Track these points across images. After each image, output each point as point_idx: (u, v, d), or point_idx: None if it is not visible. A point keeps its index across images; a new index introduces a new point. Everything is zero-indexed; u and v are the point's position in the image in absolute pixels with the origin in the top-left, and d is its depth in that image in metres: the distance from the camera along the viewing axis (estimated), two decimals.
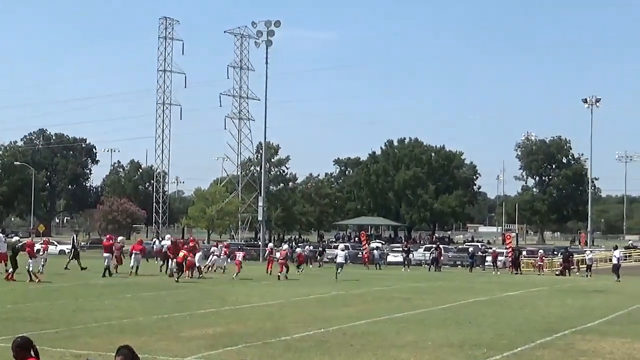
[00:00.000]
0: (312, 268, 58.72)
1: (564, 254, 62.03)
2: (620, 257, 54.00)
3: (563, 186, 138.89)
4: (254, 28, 78.66)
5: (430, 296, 33.71)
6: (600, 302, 31.94)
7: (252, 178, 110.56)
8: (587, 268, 57.78)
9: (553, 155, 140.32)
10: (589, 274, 56.56)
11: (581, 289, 41.04)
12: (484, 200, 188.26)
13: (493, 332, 21.16)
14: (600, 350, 18.13)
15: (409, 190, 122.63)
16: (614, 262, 52.56)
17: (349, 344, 18.56)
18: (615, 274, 50.38)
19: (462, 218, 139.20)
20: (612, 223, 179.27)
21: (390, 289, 38.54)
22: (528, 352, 17.89)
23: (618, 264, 51.97)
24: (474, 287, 40.20)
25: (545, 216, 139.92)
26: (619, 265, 51.99)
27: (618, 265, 51.88)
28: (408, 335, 20.12)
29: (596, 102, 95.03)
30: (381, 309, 26.99)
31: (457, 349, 17.99)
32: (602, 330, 22.08)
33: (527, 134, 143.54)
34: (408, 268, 61.27)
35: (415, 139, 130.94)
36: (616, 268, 51.34)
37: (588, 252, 64.72)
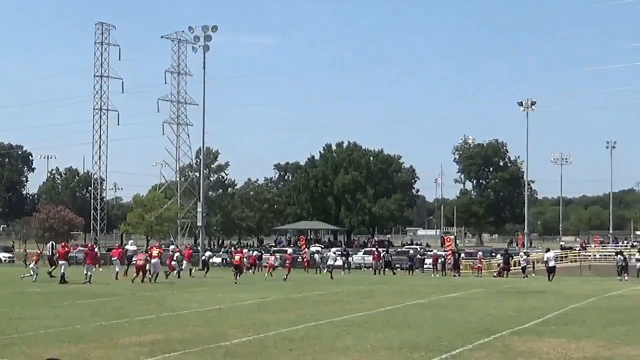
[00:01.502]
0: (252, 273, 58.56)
1: (504, 256, 62.75)
2: (552, 258, 54.89)
3: (500, 189, 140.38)
4: (191, 33, 78.28)
5: (369, 299, 33.79)
6: (537, 303, 32.28)
7: (191, 184, 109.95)
8: (522, 270, 58.55)
9: (490, 158, 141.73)
10: (524, 275, 57.33)
11: (518, 290, 41.47)
12: (423, 203, 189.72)
13: (432, 334, 21.28)
14: (536, 351, 18.32)
15: (348, 194, 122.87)
16: (549, 264, 53.42)
17: (288, 348, 18.54)
18: (548, 275, 51.27)
19: (401, 221, 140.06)
20: (549, 225, 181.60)
21: (330, 292, 38.56)
22: (466, 353, 18.00)
23: (552, 265, 52.85)
24: (413, 290, 40.37)
25: (483, 219, 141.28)
26: (553, 266, 52.85)
27: (553, 266, 52.76)
28: (347, 339, 20.14)
29: (532, 105, 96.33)
30: (321, 313, 27.00)
31: (396, 352, 18.05)
32: (538, 330, 22.33)
33: (465, 137, 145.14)
34: (348, 271, 61.53)
35: (354, 143, 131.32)
36: (551, 269, 52.22)
37: (522, 254, 65.49)
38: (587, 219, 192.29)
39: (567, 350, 18.33)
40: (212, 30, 75.39)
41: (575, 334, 21.45)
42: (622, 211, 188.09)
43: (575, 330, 22.29)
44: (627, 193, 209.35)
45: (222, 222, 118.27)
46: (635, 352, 18.32)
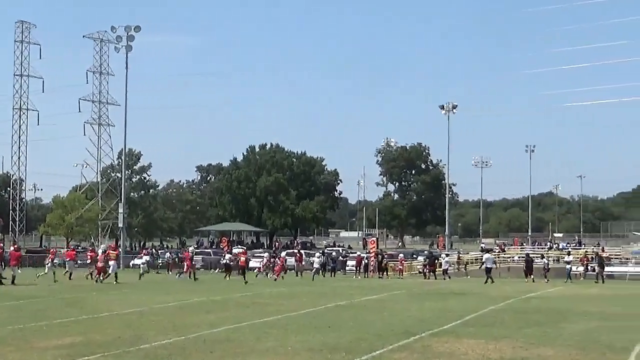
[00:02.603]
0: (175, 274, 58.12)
1: (429, 258, 63.34)
2: (490, 259, 55.63)
3: (422, 191, 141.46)
4: (113, 33, 77.60)
5: (291, 301, 33.82)
6: (457, 305, 32.65)
7: (113, 185, 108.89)
8: (443, 272, 59.20)
9: (412, 161, 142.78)
10: (446, 277, 58.00)
11: (439, 291, 41.90)
12: (346, 205, 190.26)
13: (352, 336, 21.38)
14: (455, 352, 18.53)
15: (270, 196, 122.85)
16: (487, 265, 54.21)
17: (209, 350, 18.48)
18: (487, 276, 52.05)
19: (323, 223, 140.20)
20: (469, 227, 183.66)
21: (252, 294, 38.51)
22: (386, 355, 18.12)
23: (490, 267, 53.64)
24: (334, 292, 40.50)
25: (405, 221, 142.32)
26: (490, 268, 53.65)
27: (490, 268, 53.55)
28: (268, 341, 20.15)
29: (453, 108, 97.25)
30: (242, 315, 26.95)
31: (316, 353, 18.11)
32: (457, 332, 22.58)
33: (387, 140, 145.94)
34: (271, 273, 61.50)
35: (276, 145, 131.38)
36: (488, 270, 53.01)
37: (444, 255, 66.18)
38: (506, 221, 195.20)
39: (485, 351, 18.57)
40: (134, 30, 74.80)
41: (494, 335, 21.74)
42: (540, 214, 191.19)
43: (494, 332, 22.58)
44: (545, 196, 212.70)
45: (143, 224, 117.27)
46: (551, 352, 18.64)
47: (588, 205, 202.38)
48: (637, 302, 35.08)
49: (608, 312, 29.89)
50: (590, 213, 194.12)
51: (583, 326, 24.49)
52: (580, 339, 21.11)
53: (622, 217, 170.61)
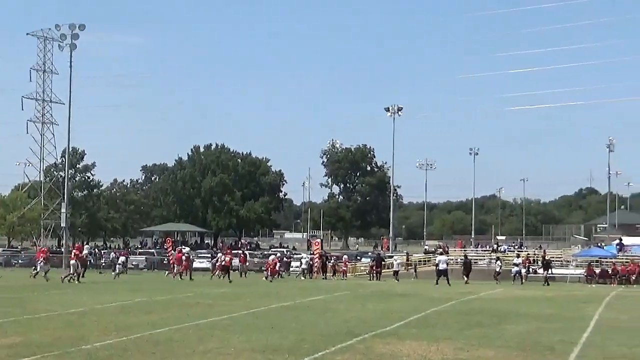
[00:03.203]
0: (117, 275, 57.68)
1: (376, 259, 63.62)
2: (443, 261, 55.92)
3: (367, 193, 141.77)
4: (57, 31, 76.82)
5: (234, 302, 33.75)
6: (400, 306, 32.80)
7: (56, 184, 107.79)
8: (394, 273, 59.55)
9: (357, 163, 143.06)
10: (396, 277, 58.37)
11: (382, 293, 42.05)
12: (290, 206, 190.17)
13: (295, 336, 21.39)
14: (397, 353, 18.61)
15: (215, 197, 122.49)
16: (440, 267, 54.53)
17: (150, 351, 18.37)
18: (439, 277, 52.39)
19: (268, 224, 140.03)
20: (413, 229, 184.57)
21: (195, 295, 38.37)
22: (329, 356, 18.15)
23: (443, 269, 53.94)
24: (278, 293, 40.48)
25: (350, 222, 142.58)
26: (444, 269, 53.96)
27: (443, 269, 53.86)
28: (211, 342, 20.08)
29: (398, 111, 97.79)
30: (185, 316, 26.83)
31: (259, 354, 18.09)
32: (400, 333, 22.68)
33: (333, 141, 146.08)
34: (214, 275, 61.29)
35: (222, 146, 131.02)
36: (443, 272, 53.33)
37: (396, 257, 66.47)
38: (450, 223, 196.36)
39: (427, 353, 18.68)
40: (79, 28, 74.24)
41: (435, 336, 21.87)
42: (484, 216, 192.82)
43: (435, 333, 22.73)
44: (489, 199, 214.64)
45: (87, 223, 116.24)
46: (492, 353, 18.81)
47: (531, 209, 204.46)
48: (577, 304, 35.49)
49: (549, 313, 30.21)
50: (532, 216, 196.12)
51: (524, 327, 24.73)
52: (521, 340, 21.32)
53: (563, 221, 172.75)
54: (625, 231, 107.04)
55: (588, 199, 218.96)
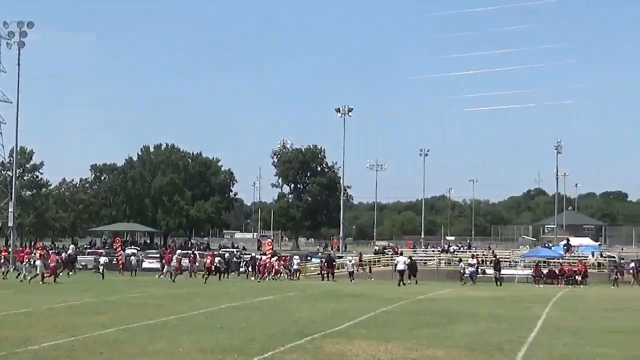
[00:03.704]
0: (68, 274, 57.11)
1: (327, 259, 63.70)
2: (402, 262, 56.15)
3: (317, 193, 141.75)
4: (5, 28, 75.92)
5: (184, 302, 33.63)
6: (350, 306, 32.88)
7: (4, 183, 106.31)
8: (349, 274, 59.70)
9: (308, 163, 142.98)
10: (351, 278, 58.51)
11: (332, 293, 42.16)
12: (241, 206, 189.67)
13: (245, 336, 21.37)
14: (347, 353, 18.67)
15: (165, 197, 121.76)
16: (398, 267, 54.81)
17: (99, 351, 18.26)
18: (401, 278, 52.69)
19: (218, 224, 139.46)
20: (364, 229, 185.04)
21: (145, 295, 38.17)
22: (278, 356, 18.17)
23: (402, 269, 54.23)
24: (228, 293, 40.41)
25: (300, 222, 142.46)
26: (403, 270, 54.24)
27: (402, 270, 54.15)
28: (160, 342, 20.00)
29: (349, 111, 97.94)
30: (134, 316, 26.69)
31: (208, 355, 18.06)
32: (350, 333, 22.75)
33: (284, 141, 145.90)
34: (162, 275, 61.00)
35: (172, 145, 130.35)
36: (401, 272, 53.63)
37: (350, 257, 66.54)
38: (400, 224, 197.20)
39: (376, 352, 18.76)
40: (27, 26, 73.53)
41: (385, 336, 21.96)
42: (433, 217, 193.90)
43: (385, 333, 22.82)
44: (439, 199, 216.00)
45: (35, 223, 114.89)
46: (441, 353, 18.94)
47: (480, 209, 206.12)
48: (524, 304, 35.82)
49: (497, 313, 30.47)
50: (481, 217, 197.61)
51: (473, 327, 24.92)
52: (470, 340, 21.49)
53: (512, 221, 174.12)
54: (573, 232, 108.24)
55: (536, 200, 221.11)
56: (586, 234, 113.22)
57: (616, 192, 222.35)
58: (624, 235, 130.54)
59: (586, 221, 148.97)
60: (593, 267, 64.41)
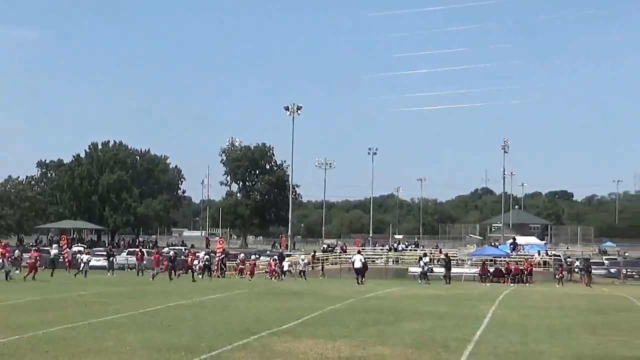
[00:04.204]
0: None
1: (279, 257, 63.79)
2: (358, 260, 56.33)
3: (266, 192, 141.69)
4: None
5: (131, 300, 33.44)
6: (298, 304, 32.91)
7: None
8: (301, 272, 59.83)
9: (257, 161, 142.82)
10: (304, 277, 58.60)
11: (280, 291, 42.15)
12: (189, 204, 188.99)
13: (192, 335, 21.32)
14: (294, 351, 18.70)
15: (113, 194, 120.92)
16: (355, 265, 55.17)
17: (44, 350, 18.10)
18: (358, 276, 53.01)
19: (166, 222, 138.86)
20: (312, 227, 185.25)
21: (91, 293, 37.89)
22: (226, 354, 18.15)
23: (358, 267, 54.57)
24: (175, 291, 40.27)
25: (248, 220, 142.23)
26: (360, 268, 54.58)
27: (359, 268, 54.49)
28: (106, 341, 19.88)
29: (297, 109, 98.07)
30: (80, 314, 26.48)
31: (155, 353, 17.98)
32: (297, 331, 22.78)
33: (232, 139, 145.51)
34: (112, 272, 60.69)
35: (120, 143, 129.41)
36: (358, 271, 53.94)
37: (303, 257, 66.56)
38: (348, 222, 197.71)
39: (324, 351, 18.80)
40: None
41: (332, 334, 22.02)
42: (382, 215, 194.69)
43: (332, 331, 22.86)
44: (387, 198, 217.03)
45: None
46: (388, 351, 19.02)
47: (428, 208, 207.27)
48: (471, 303, 36.10)
49: (444, 311, 30.67)
50: (429, 215, 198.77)
51: (419, 325, 25.07)
52: (416, 338, 21.62)
53: (459, 220, 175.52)
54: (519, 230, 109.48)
55: (483, 198, 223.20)
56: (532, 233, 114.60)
57: (562, 192, 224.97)
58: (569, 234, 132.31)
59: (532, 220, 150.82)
60: (539, 265, 65.05)
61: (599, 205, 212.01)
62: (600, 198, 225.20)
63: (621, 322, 28.01)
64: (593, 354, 19.29)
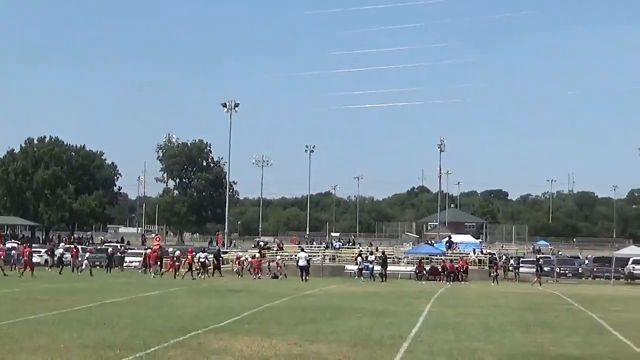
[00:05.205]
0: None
1: (215, 254, 63.60)
2: (303, 257, 56.43)
3: (203, 188, 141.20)
4: None
5: (67, 297, 33.17)
6: (235, 302, 32.92)
7: None
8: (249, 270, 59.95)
9: (194, 158, 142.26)
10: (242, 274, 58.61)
11: (217, 289, 42.09)
12: (125, 201, 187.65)
13: (128, 332, 21.21)
14: (230, 349, 18.70)
15: (48, 190, 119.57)
16: (300, 263, 55.38)
17: None
18: (302, 273, 53.30)
19: (102, 218, 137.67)
20: (249, 225, 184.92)
21: (26, 290, 37.49)
22: (161, 351, 18.08)
23: (303, 265, 54.76)
24: (111, 288, 40.00)
25: (185, 217, 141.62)
26: (304, 265, 54.81)
27: (304, 265, 54.72)
28: (40, 338, 19.70)
29: (235, 106, 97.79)
30: (14, 311, 26.18)
31: (90, 351, 17.85)
32: (234, 329, 22.78)
33: (169, 136, 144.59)
34: (50, 269, 60.14)
35: (55, 138, 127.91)
36: (302, 268, 54.14)
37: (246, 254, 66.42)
38: (285, 219, 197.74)
39: (260, 348, 18.83)
40: None
41: (269, 332, 22.06)
42: (319, 213, 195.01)
43: (269, 329, 22.91)
44: (324, 196, 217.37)
45: None
46: (324, 349, 19.10)
47: (364, 206, 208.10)
48: (407, 300, 36.37)
49: (380, 309, 30.87)
50: (366, 213, 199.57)
51: (356, 323, 25.21)
52: (353, 336, 21.74)
53: (396, 218, 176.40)
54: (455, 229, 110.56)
55: (420, 197, 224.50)
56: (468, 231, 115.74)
57: (497, 191, 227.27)
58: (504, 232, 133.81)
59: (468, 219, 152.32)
60: (474, 264, 65.72)
61: (533, 205, 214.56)
62: (535, 197, 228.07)
63: (554, 320, 28.42)
64: (527, 352, 19.55)
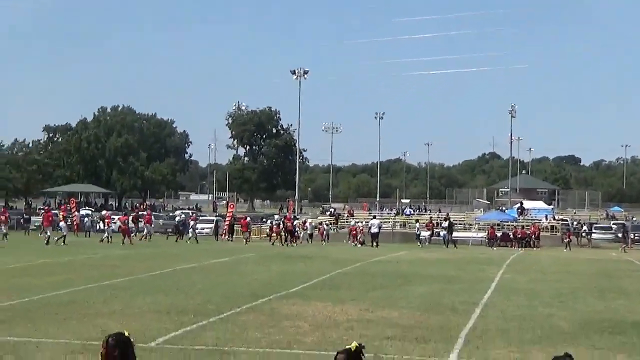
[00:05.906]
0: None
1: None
2: (376, 225, 56.41)
3: (273, 156, 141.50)
4: None
5: (139, 263, 33.50)
6: (304, 268, 32.95)
7: None
8: (309, 236, 59.91)
9: (263, 125, 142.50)
10: (311, 240, 58.73)
11: (287, 255, 42.17)
12: (196, 168, 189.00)
13: (200, 298, 21.38)
14: (302, 314, 18.76)
15: (120, 158, 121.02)
16: (372, 230, 55.19)
17: (54, 312, 18.18)
18: (372, 241, 53.08)
19: (173, 186, 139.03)
20: (319, 192, 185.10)
21: (99, 256, 38.03)
22: (234, 317, 18.21)
23: (375, 232, 54.68)
24: (182, 254, 40.33)
25: (255, 185, 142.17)
26: (376, 232, 54.71)
27: (375, 232, 54.63)
28: (115, 303, 19.95)
29: (304, 74, 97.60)
30: (88, 277, 26.52)
31: (164, 315, 18.04)
32: (305, 294, 22.83)
33: (239, 104, 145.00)
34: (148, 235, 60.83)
35: (127, 107, 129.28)
36: (374, 235, 54.07)
37: (310, 220, 66.59)
38: (355, 186, 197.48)
39: (332, 313, 18.86)
40: None
41: (340, 297, 22.08)
42: (389, 180, 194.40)
43: (340, 294, 22.92)
44: (394, 162, 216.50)
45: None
46: (395, 314, 19.08)
47: (434, 172, 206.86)
48: (478, 267, 36.12)
49: (451, 275, 30.70)
50: (436, 180, 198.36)
51: (427, 289, 25.12)
52: (424, 301, 21.68)
53: (466, 185, 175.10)
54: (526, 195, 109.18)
55: (491, 163, 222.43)
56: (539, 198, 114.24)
57: (569, 157, 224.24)
58: (576, 198, 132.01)
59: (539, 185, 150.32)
60: (546, 230, 65.06)
61: (607, 170, 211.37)
62: (608, 163, 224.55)
63: (629, 286, 28.04)
64: (602, 318, 19.31)
